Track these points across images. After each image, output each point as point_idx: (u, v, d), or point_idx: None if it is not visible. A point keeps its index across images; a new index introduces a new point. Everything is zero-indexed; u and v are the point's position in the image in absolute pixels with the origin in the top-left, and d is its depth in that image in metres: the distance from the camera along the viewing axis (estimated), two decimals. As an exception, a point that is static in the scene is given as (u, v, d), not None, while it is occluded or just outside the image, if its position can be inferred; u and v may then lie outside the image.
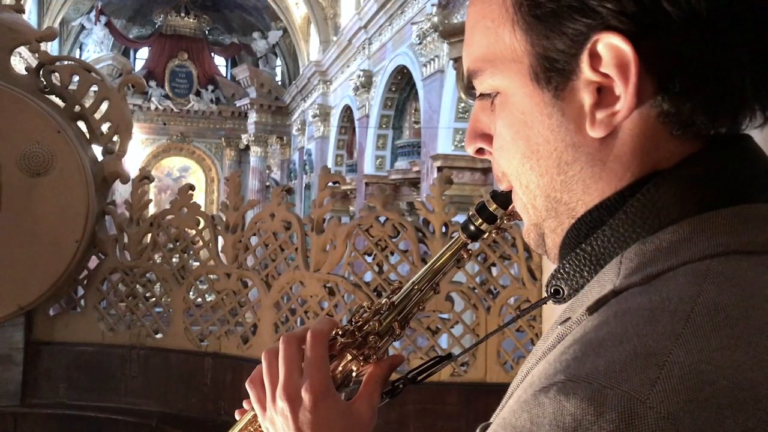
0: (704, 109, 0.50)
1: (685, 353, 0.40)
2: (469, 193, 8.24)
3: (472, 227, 0.72)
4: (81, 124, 4.19)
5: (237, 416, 0.84)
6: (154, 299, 4.22)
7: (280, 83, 22.89)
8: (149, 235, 4.18)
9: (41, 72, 4.11)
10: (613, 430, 0.38)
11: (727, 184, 0.51)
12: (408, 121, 13.65)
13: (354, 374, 0.76)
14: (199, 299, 4.26)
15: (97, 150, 4.22)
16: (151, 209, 4.49)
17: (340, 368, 0.75)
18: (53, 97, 4.15)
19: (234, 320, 4.01)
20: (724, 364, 0.40)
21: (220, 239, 4.04)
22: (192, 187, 4.26)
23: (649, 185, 0.51)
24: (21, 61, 11.09)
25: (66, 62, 4.28)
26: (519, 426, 0.42)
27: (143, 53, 23.76)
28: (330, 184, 3.85)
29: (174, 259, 4.21)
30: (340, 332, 0.76)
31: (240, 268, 3.97)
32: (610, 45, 0.48)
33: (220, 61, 24.45)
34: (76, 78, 4.16)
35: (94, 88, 4.20)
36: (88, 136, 4.18)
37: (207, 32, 23.74)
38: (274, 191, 4.07)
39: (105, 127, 4.20)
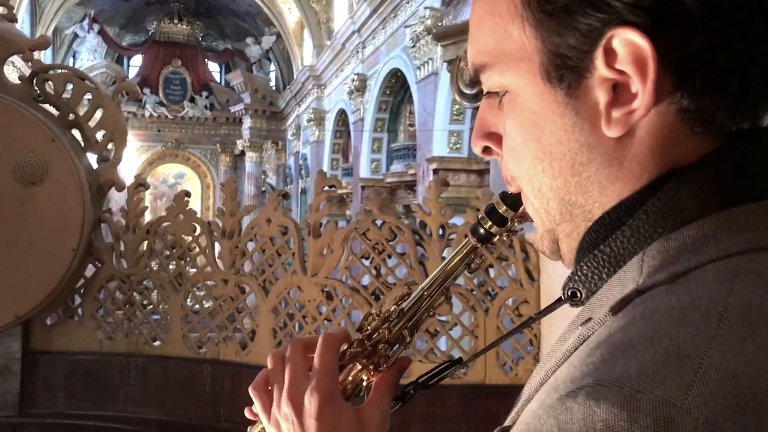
0: (726, 104, 0.48)
1: (720, 355, 0.38)
2: (466, 195, 8.25)
3: (481, 230, 0.70)
4: (75, 133, 4.18)
5: (247, 414, 0.83)
6: (151, 306, 4.21)
7: (274, 88, 22.88)
8: (146, 242, 4.17)
9: (35, 81, 4.10)
10: None
11: (752, 179, 0.49)
12: (403, 124, 13.66)
13: (365, 383, 0.74)
14: (197, 306, 4.25)
15: (92, 158, 4.21)
16: (147, 216, 4.47)
17: (350, 377, 0.74)
18: (47, 106, 4.14)
19: (232, 326, 4.00)
20: (762, 367, 0.38)
21: (217, 245, 4.03)
22: (188, 194, 4.25)
23: (671, 183, 0.49)
24: (14, 70, 11.07)
25: (59, 71, 4.26)
26: None
27: (137, 60, 23.74)
28: (326, 188, 3.85)
29: (171, 266, 4.20)
30: (349, 343, 0.74)
31: (237, 273, 3.96)
32: (627, 41, 0.46)
33: (214, 67, 24.45)
34: (69, 86, 4.15)
35: (88, 96, 4.19)
36: (82, 144, 4.17)
37: (200, 38, 23.73)
38: (270, 196, 4.06)
39: (100, 135, 4.19)
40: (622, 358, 0.40)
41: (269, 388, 0.74)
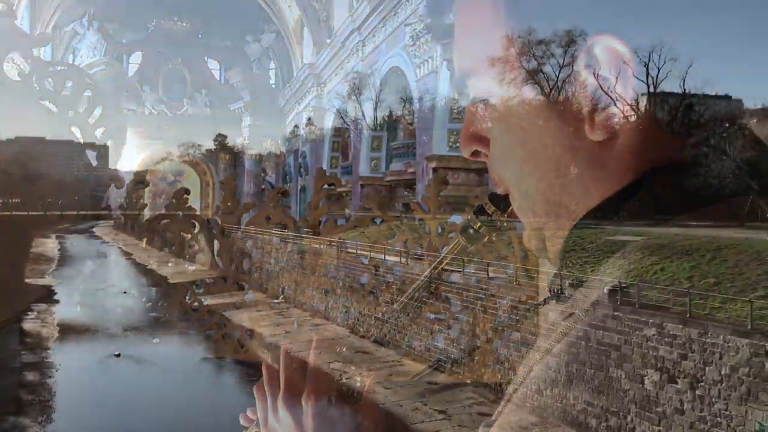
0: (702, 107, 0.50)
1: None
2: (465, 194, 8.26)
3: (471, 230, 0.72)
4: (75, 130, 4.19)
5: (242, 421, 0.83)
6: (150, 303, 4.21)
7: (274, 86, 22.89)
8: (145, 239, 4.17)
9: (34, 78, 4.10)
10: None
11: (724, 177, 0.51)
12: (402, 123, 13.65)
13: (358, 384, 0.75)
14: (196, 303, 4.26)
15: (92, 155, 4.21)
16: (147, 213, 4.48)
17: (344, 379, 0.74)
18: (47, 103, 4.14)
19: (231, 324, 4.00)
20: None
21: (216, 242, 4.04)
22: (187, 191, 4.27)
23: (650, 182, 0.51)
24: (14, 67, 11.04)
25: (59, 68, 4.27)
26: (525, 419, 0.42)
27: (137, 58, 23.72)
28: (325, 186, 3.85)
29: (170, 263, 4.21)
30: (342, 345, 0.75)
31: (236, 271, 3.97)
32: (608, 48, 0.48)
33: (213, 65, 24.46)
34: (69, 83, 4.15)
35: (88, 93, 4.20)
36: (82, 141, 4.18)
37: (200, 36, 23.71)
38: (269, 194, 4.08)
39: (99, 132, 4.20)
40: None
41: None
